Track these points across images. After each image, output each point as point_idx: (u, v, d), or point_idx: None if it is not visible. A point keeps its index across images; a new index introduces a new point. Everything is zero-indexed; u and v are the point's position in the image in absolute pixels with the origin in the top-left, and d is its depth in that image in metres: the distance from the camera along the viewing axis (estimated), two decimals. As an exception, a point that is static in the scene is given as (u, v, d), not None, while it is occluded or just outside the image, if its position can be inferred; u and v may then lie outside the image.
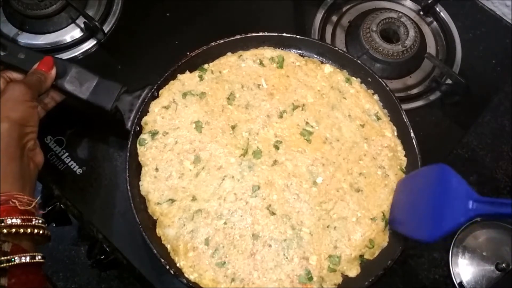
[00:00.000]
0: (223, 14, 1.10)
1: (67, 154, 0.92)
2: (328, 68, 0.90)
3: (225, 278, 0.73)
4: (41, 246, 0.68)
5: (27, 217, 0.64)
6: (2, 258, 0.59)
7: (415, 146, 0.82)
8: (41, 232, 0.65)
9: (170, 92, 0.84)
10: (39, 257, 0.64)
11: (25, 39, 1.02)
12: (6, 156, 0.67)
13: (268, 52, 0.90)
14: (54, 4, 1.02)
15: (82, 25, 1.03)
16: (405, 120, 0.84)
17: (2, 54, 0.82)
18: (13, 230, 0.62)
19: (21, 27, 1.03)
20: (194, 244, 0.75)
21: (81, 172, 0.91)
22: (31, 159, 0.73)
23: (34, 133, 0.74)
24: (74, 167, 0.91)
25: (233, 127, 0.83)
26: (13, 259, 0.60)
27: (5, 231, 0.61)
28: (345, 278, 0.76)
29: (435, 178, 0.70)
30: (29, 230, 0.63)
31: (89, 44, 1.04)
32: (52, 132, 0.93)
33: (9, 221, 0.61)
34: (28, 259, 0.62)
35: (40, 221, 0.66)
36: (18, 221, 0.62)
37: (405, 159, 0.85)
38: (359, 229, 0.78)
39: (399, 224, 0.77)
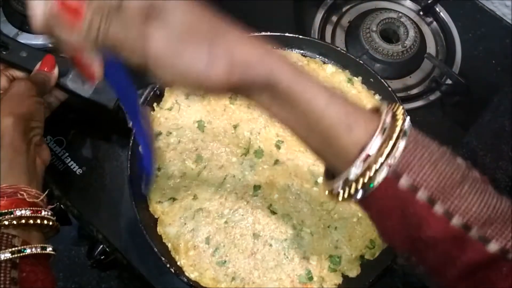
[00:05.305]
0: (223, 14, 1.10)
1: (67, 154, 0.92)
2: (330, 68, 0.90)
3: (225, 277, 0.73)
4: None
5: (36, 208, 0.63)
6: (13, 249, 0.58)
7: (416, 146, 0.82)
8: (50, 223, 0.64)
9: (173, 94, 0.84)
10: (50, 248, 0.63)
11: (25, 39, 1.01)
12: (12, 150, 0.66)
13: (269, 52, 0.90)
14: (55, 3, 1.02)
15: (83, 25, 1.03)
16: (405, 120, 0.84)
17: (4, 52, 0.82)
18: (23, 221, 0.60)
19: (21, 27, 1.02)
20: (195, 243, 0.75)
21: (81, 172, 0.91)
22: (38, 155, 0.73)
23: (40, 129, 0.73)
24: (74, 167, 0.91)
25: (235, 127, 0.83)
26: (23, 249, 0.59)
27: (14, 222, 0.59)
28: (346, 278, 0.76)
29: None
30: (39, 221, 0.62)
31: (90, 43, 1.04)
32: (52, 132, 0.92)
33: (18, 213, 0.60)
34: (39, 249, 0.61)
35: (49, 213, 0.65)
36: (28, 213, 0.61)
37: (405, 159, 0.85)
38: (359, 229, 0.78)
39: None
